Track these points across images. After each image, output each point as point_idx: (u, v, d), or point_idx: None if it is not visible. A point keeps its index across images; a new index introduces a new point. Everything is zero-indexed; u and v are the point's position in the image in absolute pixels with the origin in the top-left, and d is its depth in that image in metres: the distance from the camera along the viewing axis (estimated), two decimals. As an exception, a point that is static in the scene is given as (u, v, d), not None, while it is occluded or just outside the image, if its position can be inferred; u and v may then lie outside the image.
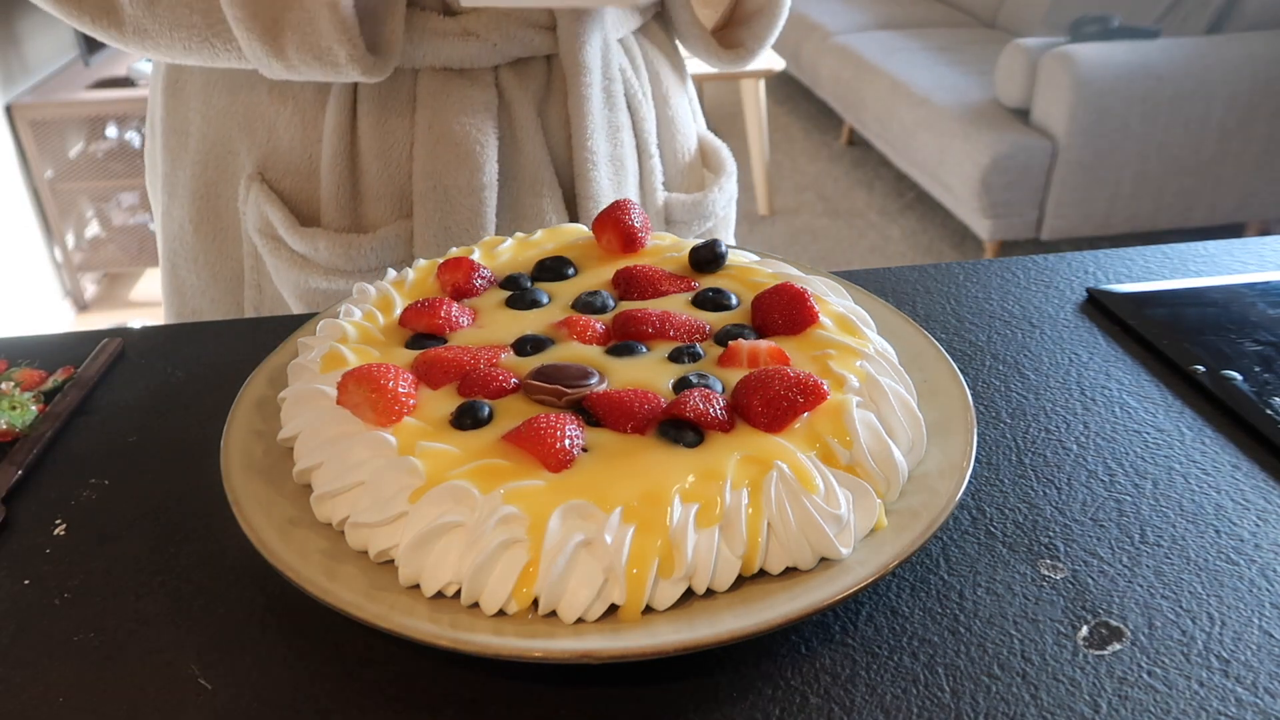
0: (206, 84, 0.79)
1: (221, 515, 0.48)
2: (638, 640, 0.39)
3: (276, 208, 0.76)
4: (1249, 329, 0.64)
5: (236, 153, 0.79)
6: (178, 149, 0.82)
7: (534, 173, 0.78)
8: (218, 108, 0.78)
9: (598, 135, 0.78)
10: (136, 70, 2.81)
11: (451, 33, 0.73)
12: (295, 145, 0.76)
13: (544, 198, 0.78)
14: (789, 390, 0.45)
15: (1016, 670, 0.41)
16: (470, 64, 0.74)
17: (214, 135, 0.79)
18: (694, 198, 0.87)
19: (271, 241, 0.78)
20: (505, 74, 0.76)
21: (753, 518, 0.42)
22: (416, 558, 0.42)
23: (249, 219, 0.79)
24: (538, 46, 0.76)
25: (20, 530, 0.51)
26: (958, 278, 0.73)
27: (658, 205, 0.85)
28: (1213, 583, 0.45)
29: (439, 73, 0.74)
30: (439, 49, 0.73)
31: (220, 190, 0.81)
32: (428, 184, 0.75)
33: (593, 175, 0.78)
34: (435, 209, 0.75)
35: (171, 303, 0.88)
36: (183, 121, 0.81)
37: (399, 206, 0.77)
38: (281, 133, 0.76)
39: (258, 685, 0.42)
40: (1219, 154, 2.84)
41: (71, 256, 2.87)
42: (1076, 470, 0.53)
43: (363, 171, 0.76)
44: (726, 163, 0.91)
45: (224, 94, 0.78)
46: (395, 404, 0.46)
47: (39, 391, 0.60)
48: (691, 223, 0.87)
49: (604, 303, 0.56)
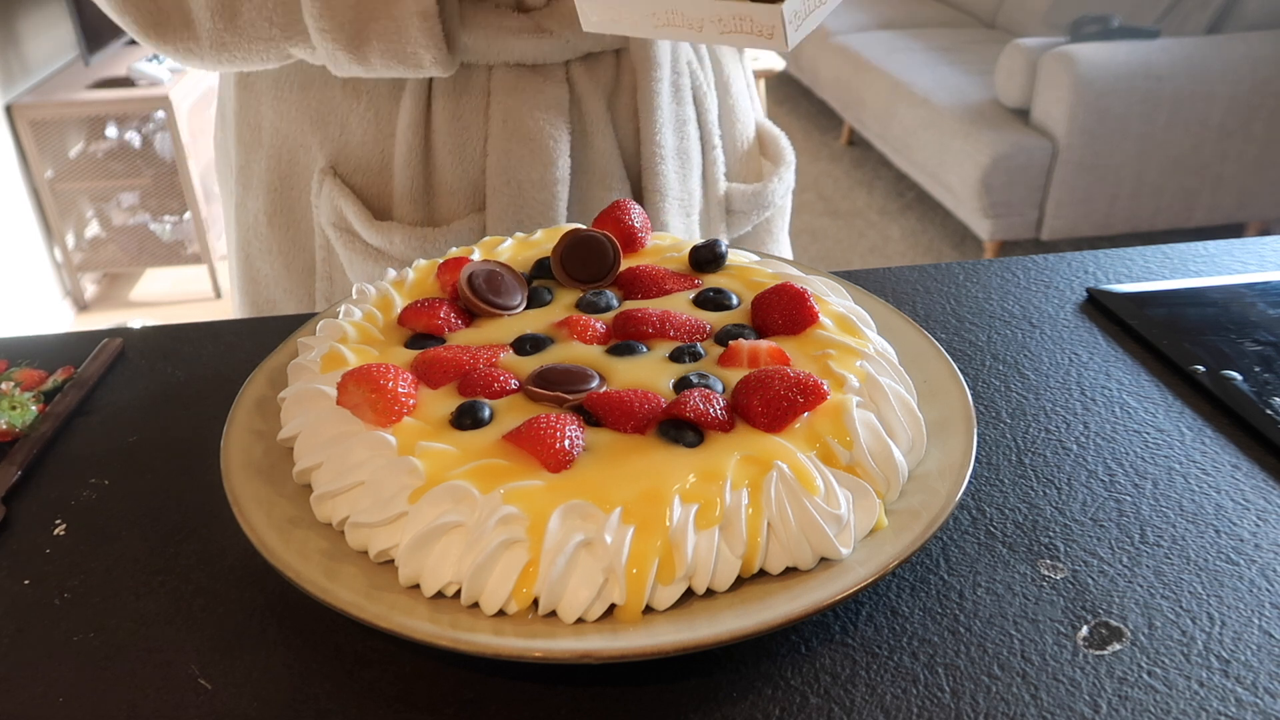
0: (277, 80, 0.79)
1: (221, 515, 0.48)
2: (638, 640, 0.39)
3: (351, 202, 0.77)
4: (1249, 329, 0.64)
5: (308, 147, 0.79)
6: (251, 142, 0.83)
7: (604, 167, 0.79)
8: (289, 103, 0.79)
9: (666, 129, 0.79)
10: (137, 70, 2.80)
11: (525, 29, 0.73)
12: (368, 141, 0.77)
13: (613, 191, 0.79)
14: (789, 390, 0.45)
15: (1016, 670, 0.41)
16: (543, 59, 0.75)
17: (286, 129, 0.80)
18: (754, 188, 0.87)
19: (345, 234, 0.79)
20: (576, 69, 0.77)
21: (753, 518, 0.42)
22: (416, 558, 0.42)
23: (322, 212, 0.79)
24: (608, 42, 0.76)
25: (20, 530, 0.51)
26: (958, 278, 0.73)
27: (719, 195, 0.85)
28: (1213, 583, 0.45)
29: (512, 69, 0.75)
30: (512, 46, 0.73)
31: (293, 183, 0.82)
32: (501, 179, 0.76)
33: (660, 169, 0.79)
34: (508, 203, 0.76)
35: (246, 293, 0.88)
36: (255, 115, 0.82)
37: (472, 200, 0.78)
38: (354, 128, 0.77)
39: (258, 685, 0.42)
40: (1219, 154, 2.84)
41: (71, 256, 2.87)
42: (1076, 470, 0.53)
43: (436, 167, 0.77)
44: (785, 152, 0.90)
45: (295, 89, 0.79)
46: (395, 404, 0.46)
47: (39, 391, 0.60)
48: (751, 213, 0.87)
49: (608, 303, 0.56)
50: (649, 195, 0.80)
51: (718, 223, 0.86)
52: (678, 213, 0.81)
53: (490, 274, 0.56)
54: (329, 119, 0.78)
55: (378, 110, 0.76)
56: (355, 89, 0.76)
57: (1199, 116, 2.77)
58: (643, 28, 0.64)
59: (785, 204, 0.92)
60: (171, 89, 2.77)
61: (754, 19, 0.58)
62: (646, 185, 0.79)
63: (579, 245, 0.57)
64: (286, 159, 0.81)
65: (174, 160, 2.85)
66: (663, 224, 0.80)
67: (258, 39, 0.69)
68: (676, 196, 0.80)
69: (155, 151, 2.88)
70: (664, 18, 0.62)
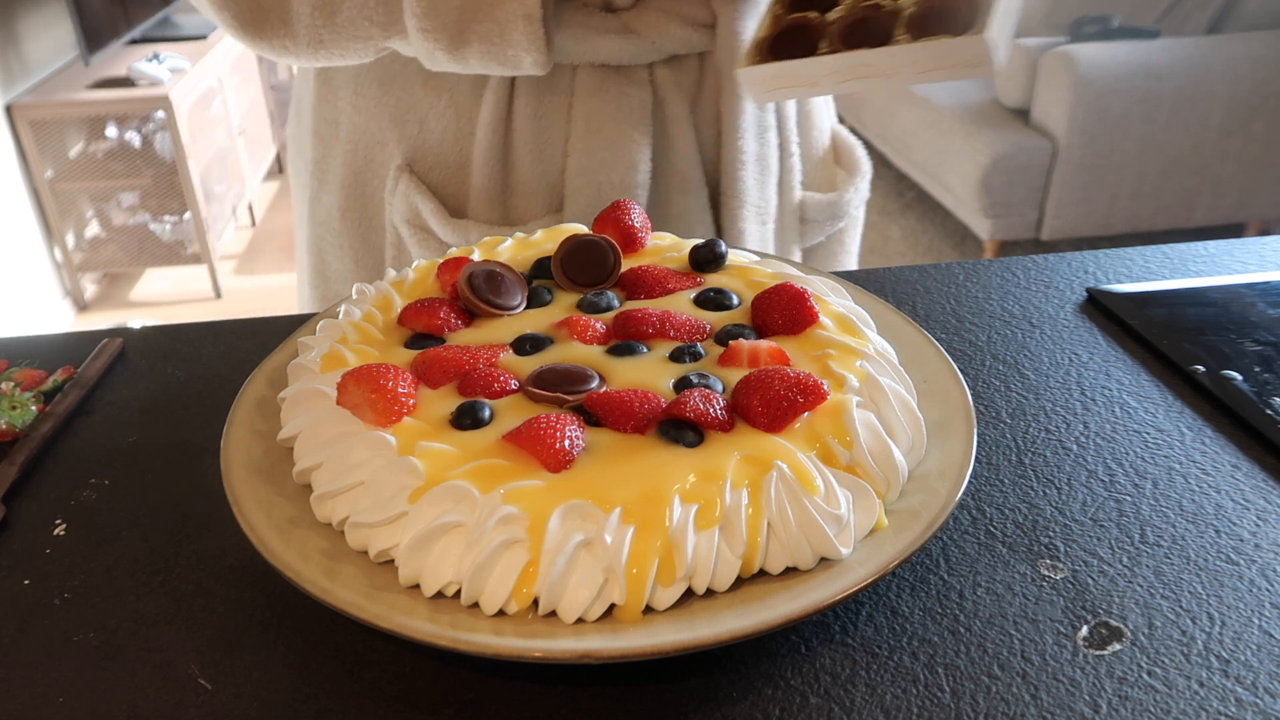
0: (357, 76, 0.79)
1: (221, 515, 0.48)
2: (638, 640, 0.39)
3: (427, 199, 0.77)
4: (1249, 329, 0.64)
5: (385, 143, 0.79)
6: (328, 137, 0.83)
7: (684, 171, 0.78)
8: (368, 99, 0.79)
9: (748, 134, 0.78)
10: (137, 70, 2.80)
11: (612, 30, 0.73)
12: (447, 138, 0.77)
13: (692, 195, 0.78)
14: (789, 390, 0.45)
15: (1016, 670, 0.41)
16: (628, 61, 0.74)
17: (364, 125, 0.80)
18: (829, 197, 0.86)
19: (419, 232, 0.79)
20: (660, 71, 0.76)
21: (753, 518, 0.42)
22: (416, 558, 0.42)
23: (396, 209, 0.79)
24: (694, 44, 0.75)
25: (20, 530, 0.51)
26: (958, 278, 0.73)
27: (794, 204, 0.84)
28: (1213, 583, 0.45)
29: (596, 69, 0.75)
30: (598, 46, 0.73)
31: (367, 179, 0.82)
32: (581, 180, 0.75)
33: (740, 175, 0.78)
34: (587, 205, 0.76)
35: (315, 286, 0.88)
36: (333, 110, 0.82)
37: (549, 201, 0.78)
38: (433, 125, 0.77)
39: (258, 685, 0.42)
40: (1219, 154, 2.84)
41: (71, 256, 2.87)
42: (1076, 470, 0.53)
43: (515, 166, 0.77)
44: (861, 162, 0.89)
45: (375, 86, 0.79)
46: (395, 404, 0.46)
47: (39, 391, 0.60)
48: (825, 223, 0.86)
49: (609, 303, 0.56)
50: (727, 201, 0.79)
51: (792, 231, 0.84)
52: (754, 220, 0.80)
53: (490, 274, 0.56)
54: (408, 116, 0.78)
55: (459, 108, 0.76)
56: (437, 86, 0.76)
57: (1199, 116, 2.77)
58: (822, 86, 0.63)
59: (859, 215, 0.90)
60: (171, 89, 2.77)
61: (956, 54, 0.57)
62: (725, 190, 0.79)
63: (579, 250, 0.57)
64: (363, 155, 0.81)
65: (174, 160, 2.85)
66: (739, 231, 0.79)
67: (356, 37, 0.69)
68: (754, 204, 0.79)
69: (155, 151, 2.88)
70: (849, 73, 0.60)
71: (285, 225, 3.51)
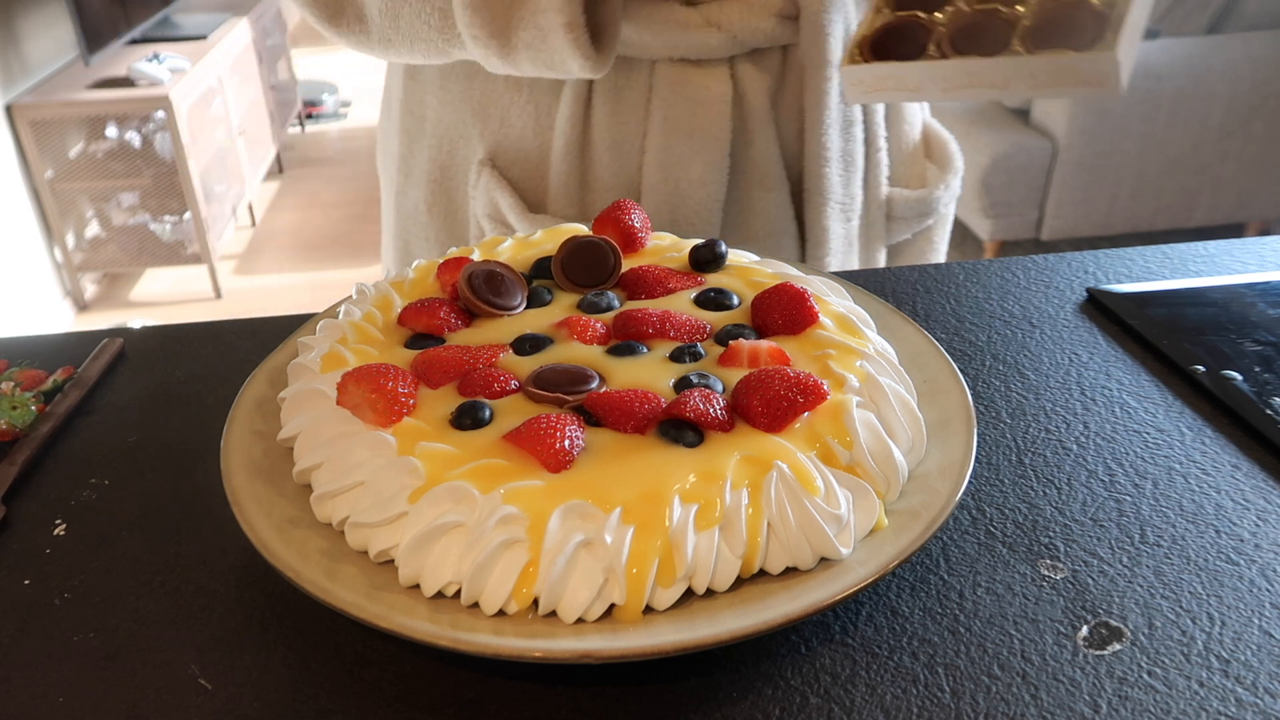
0: (443, 72, 0.80)
1: (221, 515, 0.48)
2: (638, 640, 0.39)
3: (506, 193, 0.78)
4: (1249, 329, 0.64)
5: (469, 138, 0.80)
6: (415, 131, 0.84)
7: (764, 167, 0.77)
8: (454, 94, 0.80)
9: (832, 130, 0.77)
10: (137, 70, 2.81)
11: (693, 24, 0.72)
12: (527, 133, 0.77)
13: (772, 191, 0.78)
14: (789, 390, 0.45)
15: (1016, 670, 0.41)
16: (708, 55, 0.73)
17: (449, 120, 0.81)
18: (919, 194, 0.84)
19: (500, 226, 0.79)
20: (741, 65, 0.75)
21: (753, 518, 0.42)
22: (416, 558, 0.42)
23: (478, 203, 0.80)
24: (777, 37, 0.74)
25: (20, 530, 0.51)
26: (958, 278, 0.73)
27: (880, 200, 0.83)
28: (1213, 583, 0.45)
29: (675, 64, 0.74)
30: (677, 40, 0.72)
31: (452, 173, 0.83)
32: (658, 176, 0.75)
33: (824, 171, 0.77)
34: (664, 201, 0.75)
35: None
36: (419, 105, 0.83)
37: (626, 195, 0.77)
38: (514, 120, 0.77)
39: (258, 685, 0.42)
40: (1219, 154, 2.84)
41: (71, 256, 2.87)
42: (1076, 470, 0.53)
43: (593, 161, 0.77)
44: (954, 158, 0.87)
45: (460, 81, 0.79)
46: (395, 404, 0.46)
47: (39, 391, 0.60)
48: (912, 220, 0.85)
49: (609, 303, 0.56)
50: (810, 197, 0.78)
51: (878, 228, 0.84)
52: (838, 217, 0.79)
53: (490, 274, 0.56)
54: (490, 111, 0.78)
55: (538, 103, 0.76)
56: (517, 82, 0.76)
57: (1199, 116, 2.76)
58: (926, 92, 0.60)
59: (948, 212, 0.89)
60: (171, 89, 2.77)
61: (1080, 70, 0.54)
62: (808, 187, 0.78)
63: (579, 252, 0.57)
64: (447, 149, 0.82)
65: (174, 160, 2.85)
66: (822, 228, 0.78)
67: (418, 39, 0.70)
68: (839, 200, 0.79)
69: (155, 151, 2.88)
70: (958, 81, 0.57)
71: (285, 225, 3.51)
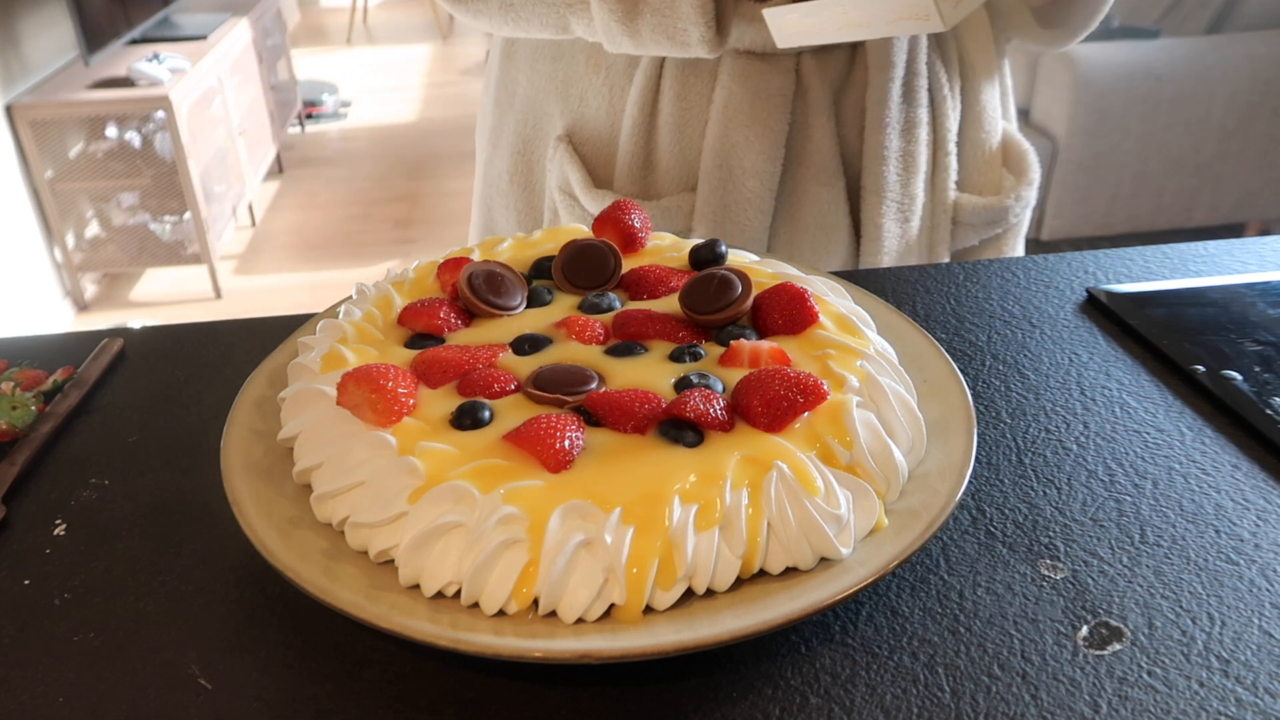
0: (535, 51, 0.84)
1: (221, 515, 0.49)
2: (638, 640, 0.39)
3: (576, 168, 0.81)
4: (1249, 329, 0.64)
5: (551, 115, 0.84)
6: (505, 105, 0.89)
7: (820, 161, 0.79)
8: (542, 73, 0.84)
9: (891, 131, 0.78)
10: (137, 70, 2.80)
11: (759, 17, 0.73)
12: (601, 112, 0.81)
13: (826, 186, 0.80)
14: (789, 390, 0.45)
15: (1016, 670, 0.41)
16: (775, 48, 0.75)
17: (535, 96, 0.85)
18: (988, 201, 0.84)
19: (569, 199, 0.83)
20: (807, 61, 0.77)
21: (753, 518, 0.42)
22: (416, 558, 0.42)
23: (553, 176, 0.84)
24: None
25: (20, 530, 0.51)
26: (958, 278, 0.73)
27: (946, 204, 0.83)
28: (1213, 583, 0.45)
29: (742, 55, 0.76)
30: (746, 32, 0.74)
31: (534, 147, 0.87)
32: (715, 161, 0.78)
33: (881, 170, 0.79)
34: (718, 186, 0.78)
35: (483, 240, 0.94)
36: (511, 81, 0.87)
37: (685, 179, 0.80)
38: (591, 99, 0.81)
39: (258, 685, 0.42)
40: (1219, 154, 2.84)
41: (71, 256, 2.87)
42: (1076, 470, 0.53)
43: (657, 143, 0.80)
44: (1031, 168, 0.87)
45: (548, 60, 0.83)
46: (395, 404, 0.46)
47: (39, 391, 0.60)
48: (980, 227, 0.85)
49: (610, 304, 0.56)
50: (866, 194, 0.80)
51: (942, 231, 0.84)
52: (895, 216, 0.80)
53: (490, 274, 0.56)
54: (571, 90, 0.82)
55: (613, 85, 0.80)
56: (597, 64, 0.80)
57: (1199, 116, 2.76)
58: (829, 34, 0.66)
59: (1021, 221, 0.88)
60: (171, 89, 2.77)
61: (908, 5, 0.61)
62: (865, 184, 0.80)
63: (580, 254, 0.57)
64: (531, 123, 0.86)
65: (174, 160, 2.85)
66: (877, 225, 0.80)
67: (540, 3, 0.73)
68: (895, 199, 0.80)
69: (155, 151, 2.88)
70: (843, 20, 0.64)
71: (285, 225, 3.51)
